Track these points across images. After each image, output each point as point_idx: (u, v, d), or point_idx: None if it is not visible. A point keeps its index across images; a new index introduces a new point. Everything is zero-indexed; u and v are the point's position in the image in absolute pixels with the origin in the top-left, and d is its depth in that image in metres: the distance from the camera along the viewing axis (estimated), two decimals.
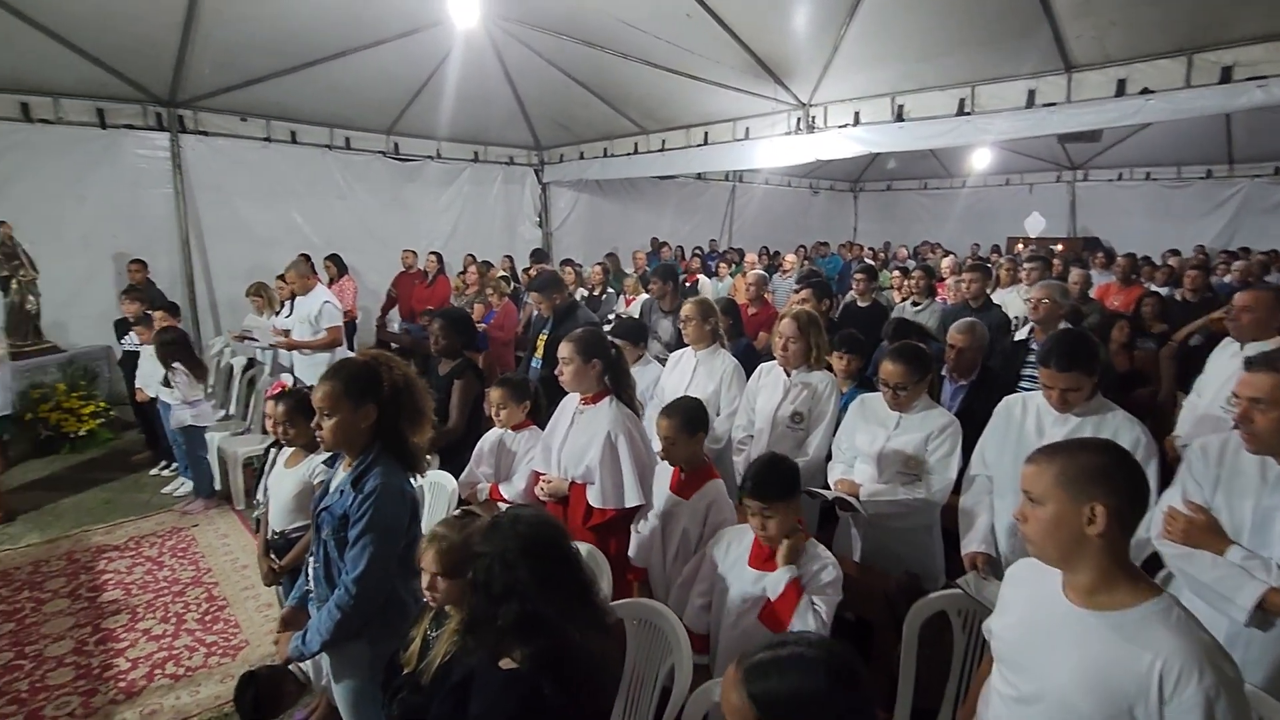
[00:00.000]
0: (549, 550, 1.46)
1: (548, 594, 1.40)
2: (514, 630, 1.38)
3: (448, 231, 9.33)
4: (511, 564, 1.40)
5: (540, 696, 1.31)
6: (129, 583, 3.84)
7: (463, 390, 3.55)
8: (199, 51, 6.16)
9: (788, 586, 1.99)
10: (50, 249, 6.12)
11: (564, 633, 1.39)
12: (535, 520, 1.51)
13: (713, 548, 2.28)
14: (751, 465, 2.14)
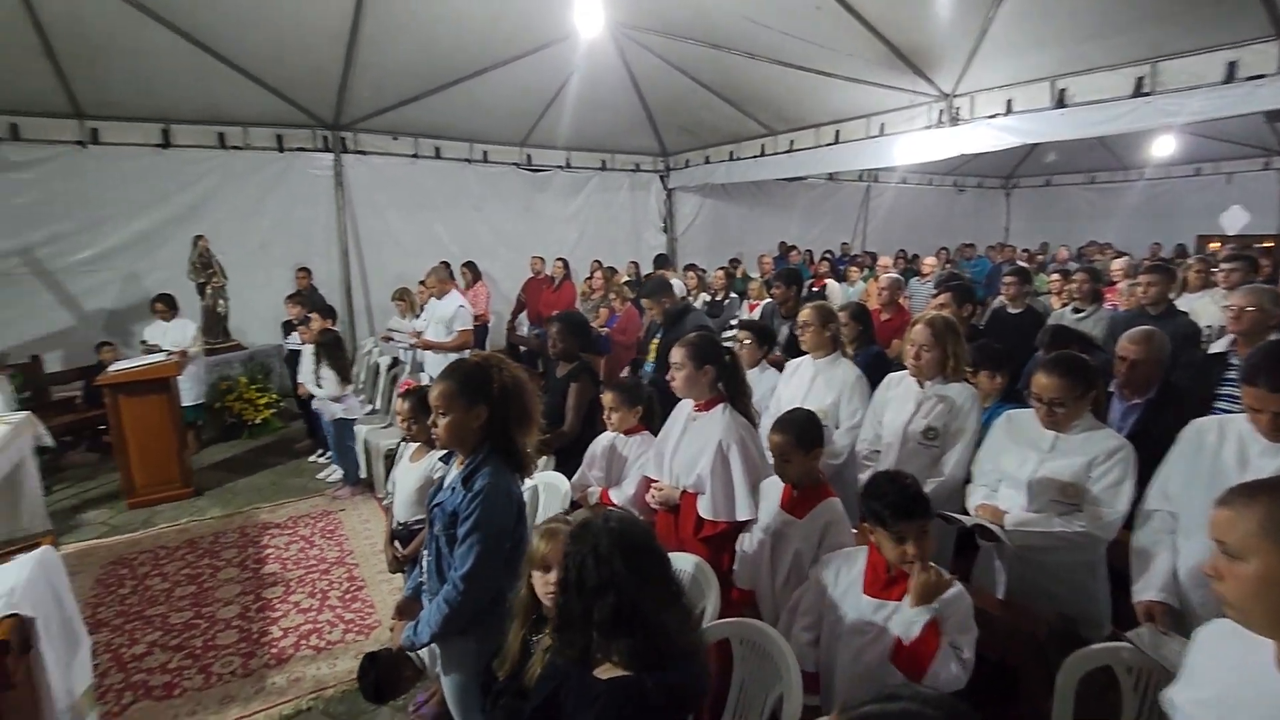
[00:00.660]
0: (641, 544, 1.43)
1: (643, 586, 1.37)
2: (610, 625, 1.35)
3: (575, 238, 9.62)
4: (605, 558, 1.38)
5: (644, 696, 1.27)
6: (285, 558, 4.25)
7: (579, 393, 3.59)
8: (358, 77, 6.79)
9: (926, 630, 1.79)
10: (236, 258, 6.98)
11: (661, 627, 1.35)
12: (626, 518, 1.50)
13: (819, 573, 2.11)
14: (871, 485, 1.95)
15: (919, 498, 1.88)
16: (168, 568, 4.13)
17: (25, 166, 6.35)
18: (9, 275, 6.34)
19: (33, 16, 5.27)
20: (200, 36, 5.86)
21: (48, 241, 6.50)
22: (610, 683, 1.38)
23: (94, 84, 6.15)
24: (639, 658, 1.37)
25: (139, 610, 3.67)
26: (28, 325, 6.42)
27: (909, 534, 1.84)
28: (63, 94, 6.17)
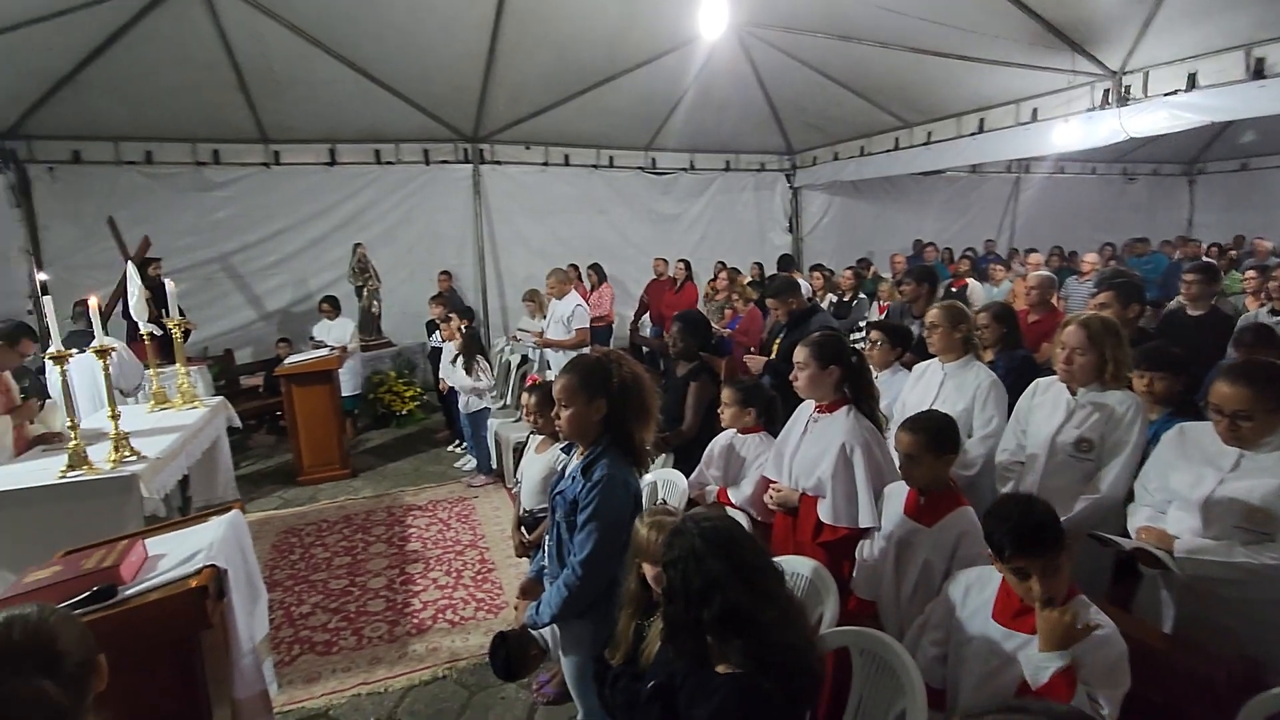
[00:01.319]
0: (736, 540, 1.44)
1: (747, 582, 1.38)
2: (720, 626, 1.36)
3: (698, 240, 9.66)
4: (704, 560, 1.40)
5: (762, 694, 1.28)
6: (425, 538, 4.63)
7: (698, 392, 3.63)
8: (495, 92, 7.25)
9: (1055, 678, 1.56)
10: (388, 263, 7.70)
11: (771, 622, 1.36)
12: (715, 517, 1.52)
13: (949, 589, 1.99)
14: (995, 509, 1.75)
15: (1046, 529, 1.64)
16: (328, 539, 4.64)
17: (223, 186, 7.41)
18: (210, 280, 7.41)
19: (232, 58, 6.13)
20: (363, 65, 6.53)
21: (239, 250, 7.54)
22: (730, 678, 1.39)
23: (277, 113, 7.04)
24: (754, 656, 1.37)
25: (305, 575, 4.16)
26: (223, 323, 7.47)
27: (1032, 569, 1.62)
28: (253, 122, 7.11)
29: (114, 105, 6.36)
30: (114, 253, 6.19)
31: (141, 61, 5.87)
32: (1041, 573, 1.61)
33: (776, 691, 1.33)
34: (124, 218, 6.44)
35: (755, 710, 1.33)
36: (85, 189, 6.83)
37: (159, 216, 6.93)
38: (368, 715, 2.93)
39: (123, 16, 5.39)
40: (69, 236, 6.82)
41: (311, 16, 5.82)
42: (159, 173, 7.12)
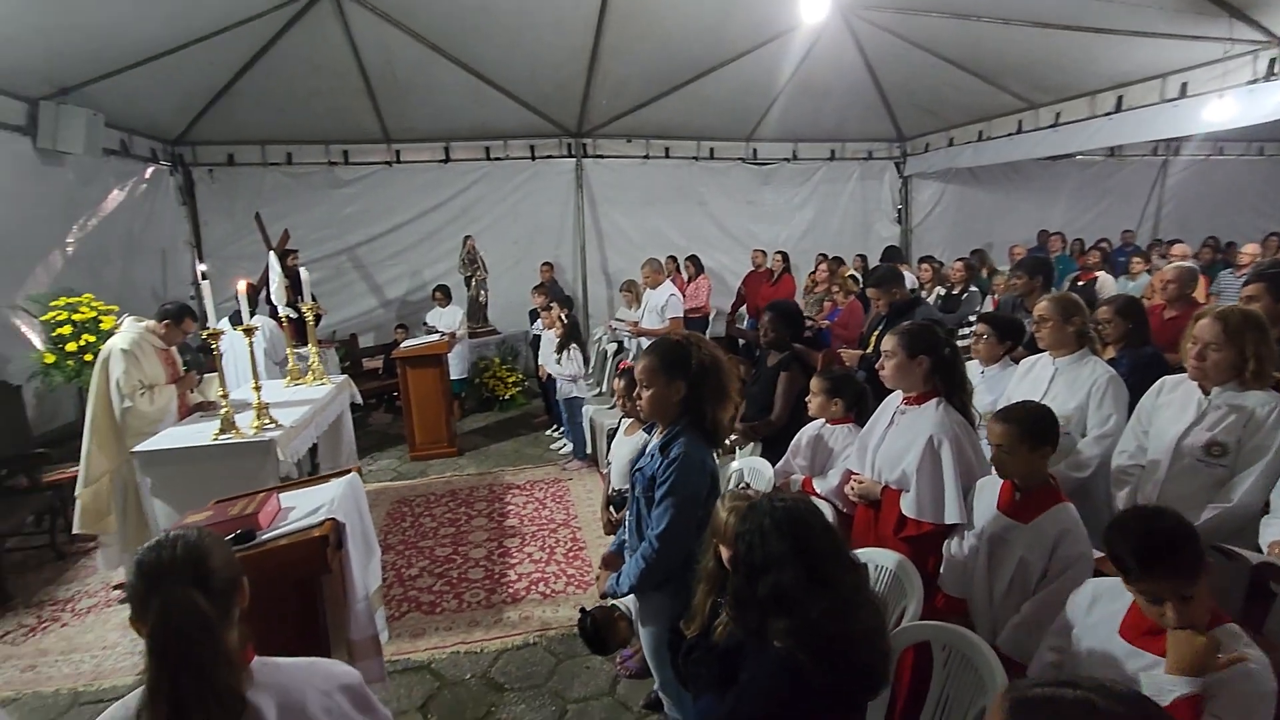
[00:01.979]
0: (808, 525, 1.46)
1: (805, 565, 1.40)
2: (772, 603, 1.40)
3: (800, 231, 9.48)
4: (769, 537, 1.44)
5: (799, 673, 1.31)
6: (523, 515, 4.89)
7: (788, 382, 3.61)
8: (598, 87, 7.44)
9: (1179, 705, 1.39)
10: (494, 254, 8.11)
11: (825, 606, 1.37)
12: (792, 498, 1.54)
13: (1074, 596, 1.87)
14: (1118, 522, 1.59)
15: (1180, 547, 1.44)
16: (436, 510, 5.00)
17: (351, 184, 8.09)
18: (339, 270, 8.12)
19: (360, 65, 6.67)
20: (475, 67, 6.91)
21: (363, 242, 8.21)
22: (775, 653, 1.43)
23: (398, 115, 7.58)
24: (798, 636, 1.39)
25: (414, 541, 4.52)
26: (349, 310, 8.17)
27: (1164, 594, 1.44)
28: (377, 124, 7.69)
29: (261, 113, 7.11)
30: (260, 244, 6.92)
31: (284, 72, 6.52)
32: (1176, 597, 1.42)
33: (817, 675, 1.35)
34: (268, 213, 7.17)
35: (792, 687, 1.36)
36: (237, 188, 7.70)
37: (297, 212, 7.68)
38: (464, 671, 3.17)
39: (270, 31, 6.00)
40: (224, 230, 7.71)
41: (431, 23, 6.23)
42: (297, 172, 7.90)
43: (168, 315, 4.09)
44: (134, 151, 6.66)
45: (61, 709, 3.03)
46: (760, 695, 1.41)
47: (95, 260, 5.88)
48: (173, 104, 6.67)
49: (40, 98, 5.24)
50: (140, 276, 6.63)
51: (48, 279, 5.28)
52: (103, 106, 5.58)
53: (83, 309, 4.96)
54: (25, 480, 4.43)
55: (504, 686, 3.07)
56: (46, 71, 5.12)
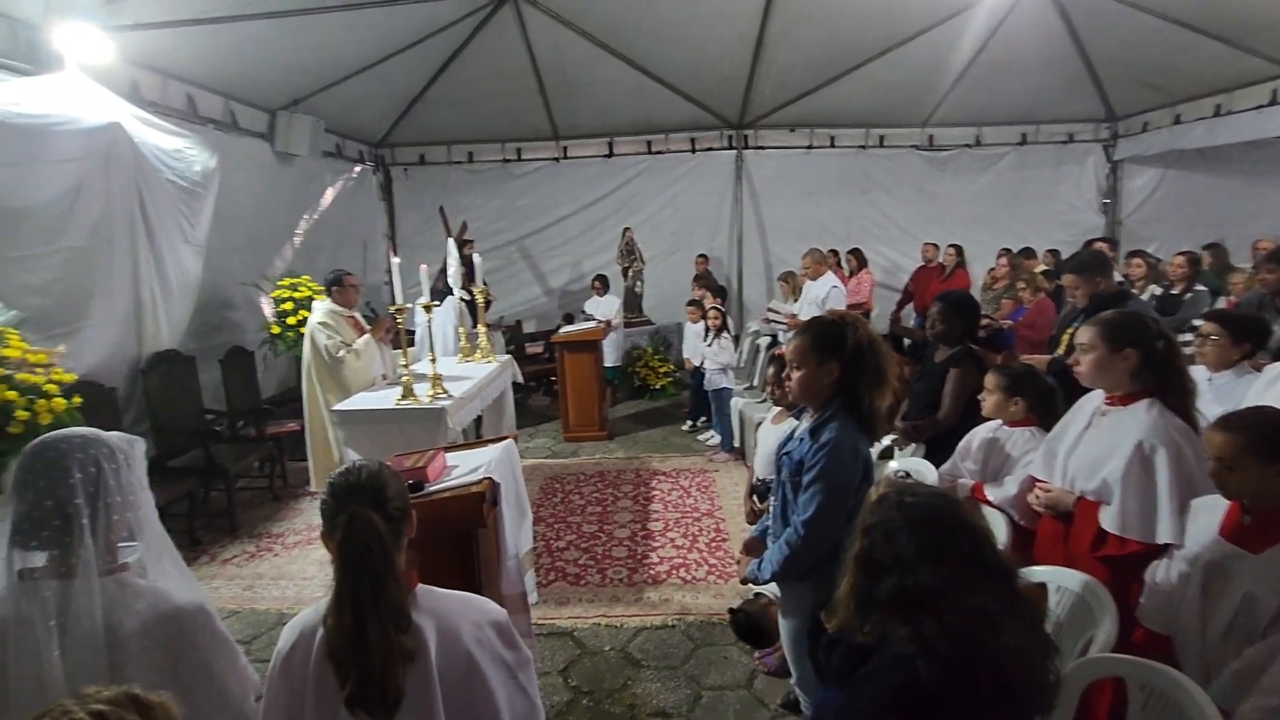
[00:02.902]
0: (939, 521, 1.29)
1: (934, 568, 1.24)
2: (892, 605, 1.26)
3: (978, 223, 8.65)
4: (894, 534, 1.29)
5: (914, 681, 1.17)
6: (667, 501, 4.94)
7: (959, 380, 3.29)
8: (762, 77, 7.31)
9: None
10: (652, 246, 8.28)
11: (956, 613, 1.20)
12: (927, 492, 1.38)
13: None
14: None
15: None
16: (585, 489, 5.20)
17: (522, 178, 8.67)
18: (509, 260, 8.73)
19: (535, 66, 7.10)
20: (640, 61, 7.08)
21: (531, 234, 8.77)
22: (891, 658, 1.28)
23: (567, 112, 7.97)
24: (921, 644, 1.23)
25: (564, 516, 4.73)
26: (516, 297, 8.76)
27: None
28: (547, 122, 8.15)
29: (448, 116, 7.81)
30: (442, 235, 7.61)
31: (468, 77, 7.11)
32: None
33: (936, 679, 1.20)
34: (450, 206, 7.86)
35: (899, 692, 1.22)
36: (426, 185, 8.55)
37: (475, 205, 8.39)
38: (604, 643, 3.26)
39: (459, 39, 6.57)
40: (413, 223, 8.61)
41: (600, 21, 6.47)
42: (477, 169, 8.60)
43: (330, 285, 4.74)
44: (346, 153, 7.63)
45: (269, 625, 3.54)
46: (874, 696, 1.28)
47: (313, 248, 6.83)
48: (377, 110, 7.53)
49: (278, 108, 6.15)
50: (345, 264, 7.53)
51: (280, 263, 6.20)
52: (323, 114, 6.44)
53: (302, 289, 5.77)
54: (253, 431, 5.23)
55: (641, 663, 3.11)
56: (282, 85, 5.99)
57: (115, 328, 4.30)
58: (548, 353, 7.79)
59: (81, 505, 1.22)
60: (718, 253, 8.68)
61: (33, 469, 1.23)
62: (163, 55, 4.76)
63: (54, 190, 3.85)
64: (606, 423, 6.53)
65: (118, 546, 1.30)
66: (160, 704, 0.64)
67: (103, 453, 1.27)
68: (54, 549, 1.22)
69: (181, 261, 4.74)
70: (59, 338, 3.62)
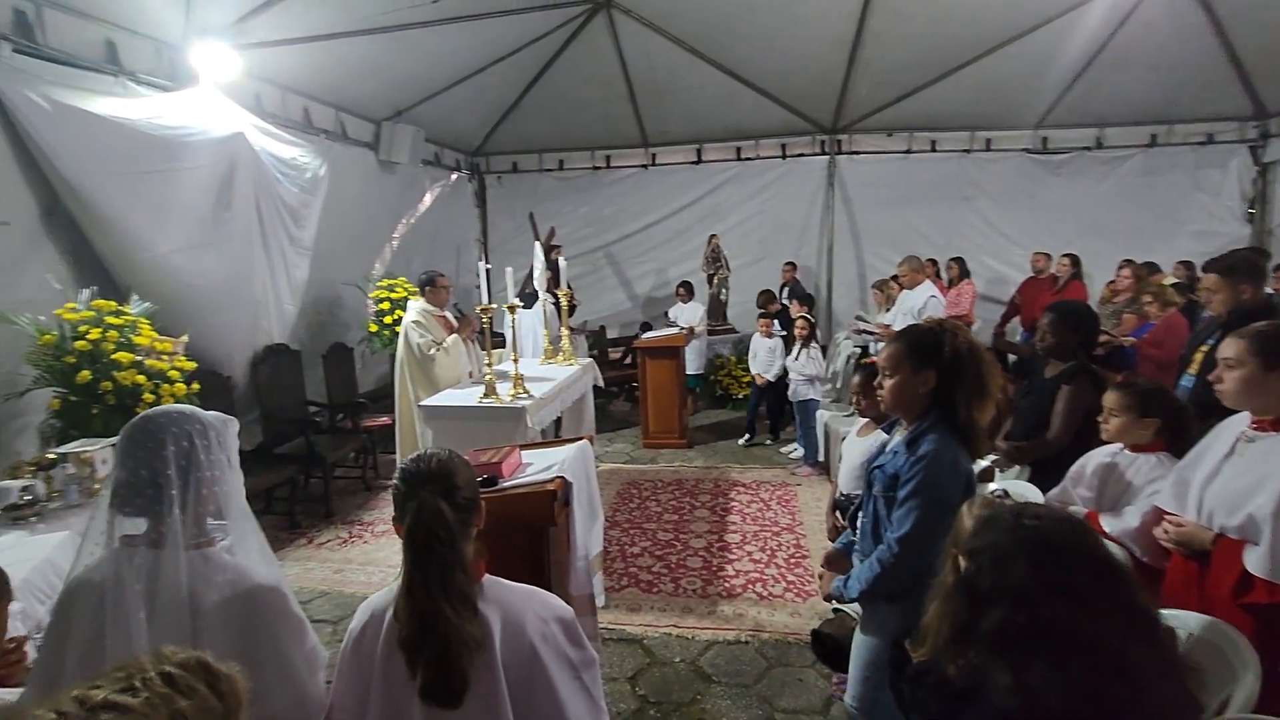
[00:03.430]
0: (1065, 548, 1.11)
1: (1055, 603, 1.05)
2: (997, 643, 1.09)
3: (1096, 231, 7.97)
4: (1006, 559, 1.12)
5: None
6: (745, 513, 4.80)
7: (1071, 398, 3.01)
8: (857, 79, 7.06)
9: None
10: (738, 253, 8.16)
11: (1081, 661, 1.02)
12: (1051, 514, 1.19)
13: None
14: None
15: None
16: (661, 496, 5.14)
17: (611, 185, 8.78)
18: (594, 266, 8.85)
19: (626, 73, 7.17)
20: (731, 67, 7.01)
21: (618, 240, 8.86)
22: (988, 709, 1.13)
23: (656, 119, 8.01)
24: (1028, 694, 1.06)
25: (639, 522, 4.69)
26: (600, 303, 8.83)
27: None
28: (637, 129, 8.22)
29: (540, 124, 8.02)
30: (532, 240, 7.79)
31: (561, 85, 7.28)
32: None
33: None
34: (540, 213, 8.04)
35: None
36: (517, 192, 8.82)
37: (564, 212, 8.55)
38: (674, 654, 3.18)
39: (553, 48, 6.74)
40: (504, 229, 8.89)
41: (690, 27, 6.46)
42: (567, 176, 8.80)
43: (423, 284, 4.93)
44: (443, 161, 7.99)
45: (354, 607, 3.65)
46: None
47: (409, 251, 7.18)
48: (474, 120, 7.83)
49: (383, 119, 6.50)
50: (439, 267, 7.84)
51: (379, 265, 6.55)
52: (423, 124, 6.76)
53: (398, 289, 6.05)
54: (350, 423, 5.52)
55: (712, 678, 3.01)
56: (387, 97, 6.34)
57: (236, 322, 4.66)
58: (630, 358, 7.81)
59: (173, 477, 1.28)
60: (806, 261, 8.44)
61: (134, 439, 1.32)
62: (283, 71, 5.13)
63: (190, 195, 4.21)
64: (686, 431, 6.46)
65: (207, 522, 1.36)
66: (229, 676, 0.66)
67: (195, 429, 1.34)
68: (148, 516, 1.29)
69: (291, 263, 5.08)
70: (189, 330, 3.94)
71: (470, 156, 8.71)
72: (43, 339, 3.20)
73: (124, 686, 0.58)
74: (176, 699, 0.59)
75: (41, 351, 3.20)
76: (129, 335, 3.40)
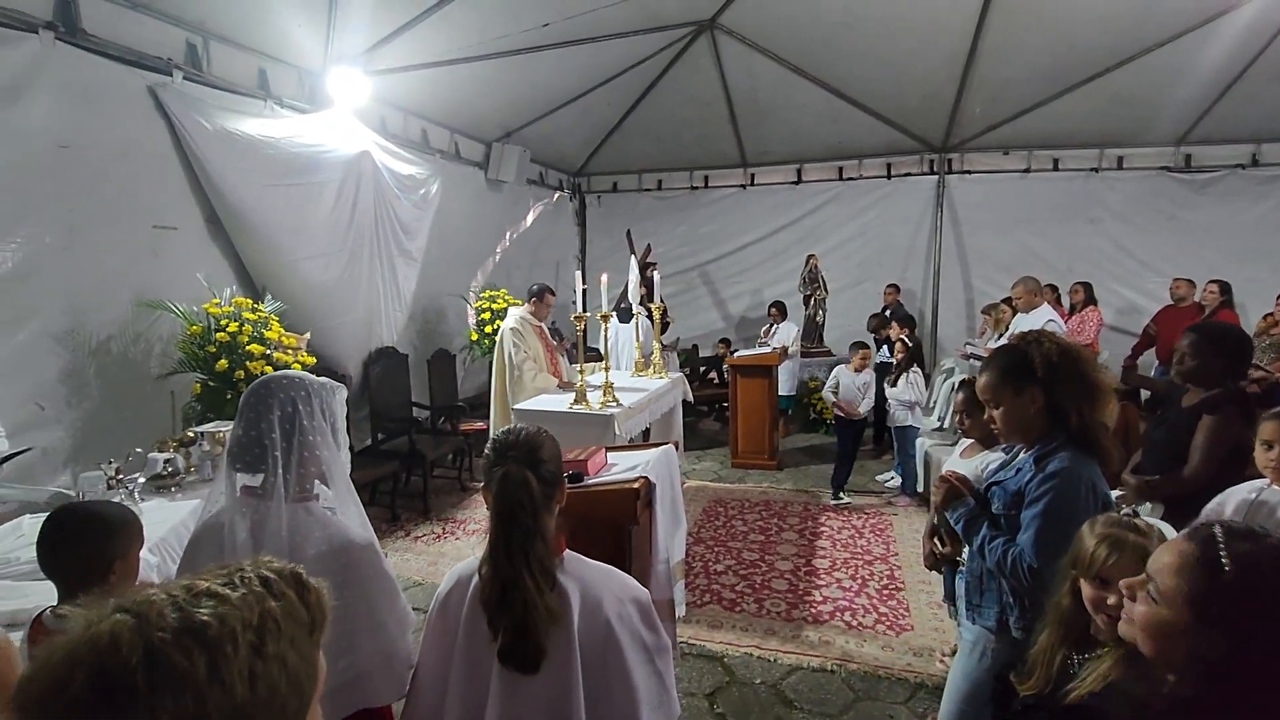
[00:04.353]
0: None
1: None
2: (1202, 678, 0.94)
3: (1248, 256, 7.15)
4: (1226, 592, 0.93)
5: None
6: (836, 539, 4.61)
7: (1215, 428, 2.69)
8: (971, 95, 6.76)
9: None
10: (837, 274, 7.96)
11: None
12: None
13: None
14: None
15: None
16: (748, 516, 5.03)
17: (709, 205, 8.83)
18: (689, 285, 8.89)
19: (727, 93, 7.22)
20: (834, 84, 6.90)
21: (714, 260, 8.87)
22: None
23: (756, 139, 8.00)
24: None
25: (724, 540, 4.60)
26: (693, 322, 8.83)
27: None
28: (736, 149, 8.23)
29: (641, 145, 8.21)
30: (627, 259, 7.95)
31: (662, 106, 7.42)
32: None
33: None
34: (638, 232, 8.17)
35: None
36: (616, 210, 9.05)
37: (662, 231, 8.66)
38: (755, 675, 3.07)
39: (656, 70, 6.89)
40: (602, 247, 9.10)
41: (793, 45, 6.43)
42: (665, 196, 8.93)
43: (533, 294, 5.09)
44: (547, 181, 8.33)
45: None
46: None
47: (509, 265, 7.52)
48: (578, 140, 8.12)
49: (493, 140, 6.87)
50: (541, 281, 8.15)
51: (481, 277, 6.88)
52: (530, 144, 7.08)
53: (499, 301, 6.31)
54: (449, 425, 5.78)
55: (794, 704, 2.88)
56: (498, 119, 6.70)
57: (353, 325, 5.03)
58: (720, 377, 7.75)
59: (277, 439, 1.39)
60: (910, 284, 8.09)
61: (248, 401, 1.44)
62: (406, 94, 5.54)
63: (320, 208, 4.62)
64: (776, 452, 6.31)
65: (312, 482, 1.46)
66: (317, 590, 0.71)
67: (300, 395, 1.44)
68: (258, 472, 1.40)
69: (402, 273, 5.44)
70: (311, 329, 4.29)
71: (572, 176, 9.03)
72: (190, 330, 3.58)
73: (225, 581, 0.63)
74: (268, 599, 0.63)
75: (189, 341, 3.57)
76: (261, 330, 3.73)
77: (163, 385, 3.68)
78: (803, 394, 7.45)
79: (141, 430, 3.45)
